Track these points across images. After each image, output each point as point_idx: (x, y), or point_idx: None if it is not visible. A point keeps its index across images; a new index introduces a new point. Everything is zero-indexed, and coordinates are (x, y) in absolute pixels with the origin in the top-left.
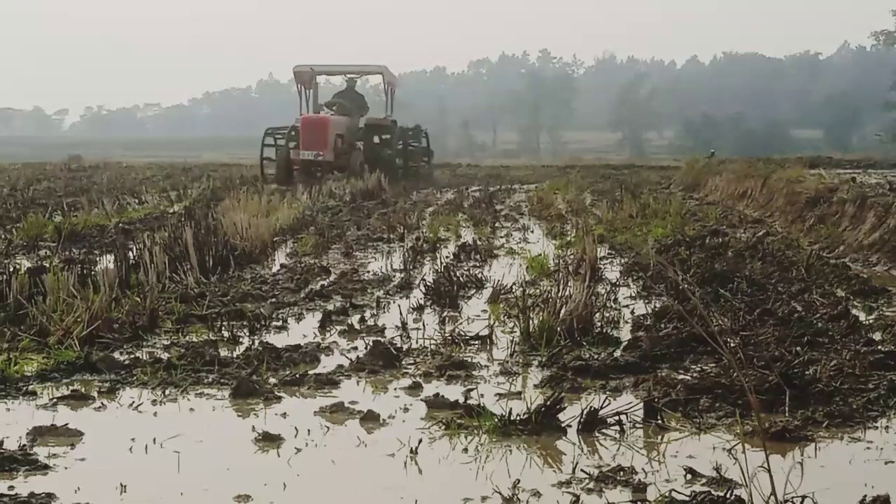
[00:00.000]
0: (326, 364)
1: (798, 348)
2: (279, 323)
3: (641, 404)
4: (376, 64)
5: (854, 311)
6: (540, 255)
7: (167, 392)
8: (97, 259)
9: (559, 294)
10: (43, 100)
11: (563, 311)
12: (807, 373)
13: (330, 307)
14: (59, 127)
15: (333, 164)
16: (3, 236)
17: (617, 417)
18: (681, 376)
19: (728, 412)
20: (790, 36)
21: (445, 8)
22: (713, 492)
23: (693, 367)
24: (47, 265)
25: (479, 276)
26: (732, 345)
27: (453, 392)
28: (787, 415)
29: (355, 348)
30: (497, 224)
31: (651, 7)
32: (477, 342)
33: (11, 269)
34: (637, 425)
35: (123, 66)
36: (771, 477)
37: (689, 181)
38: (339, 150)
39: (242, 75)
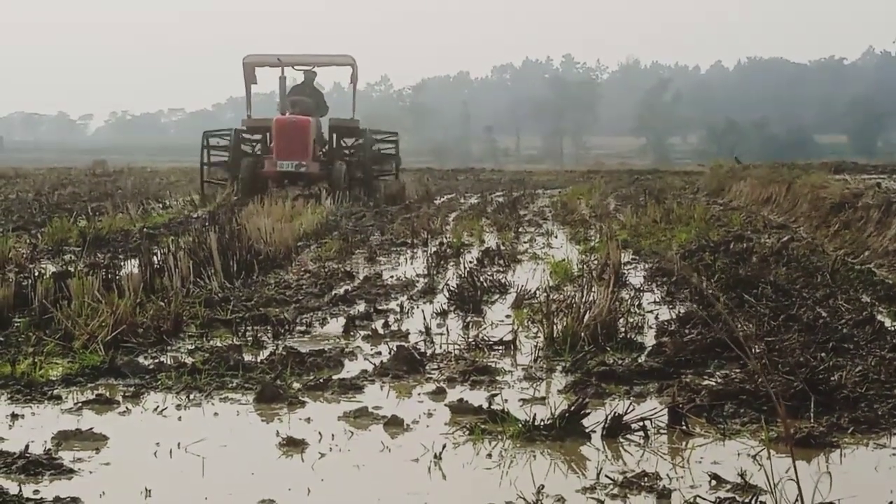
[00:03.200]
0: (350, 369)
1: (823, 354)
2: (303, 328)
3: (666, 410)
4: (345, 54)
5: (879, 317)
6: (563, 260)
7: (191, 396)
8: (122, 264)
9: (583, 299)
10: (68, 105)
11: (587, 317)
12: (832, 379)
13: (354, 312)
14: (83, 132)
15: (316, 175)
16: (28, 241)
17: (641, 423)
18: (705, 382)
19: (753, 418)
20: (815, 41)
21: (469, 13)
22: (738, 498)
23: (717, 372)
24: (72, 270)
25: (503, 281)
26: (757, 351)
27: (477, 397)
28: (812, 421)
29: (379, 353)
30: (521, 229)
31: (675, 12)
32: (501, 347)
33: (37, 274)
34: (661, 431)
35: (147, 71)
36: (798, 483)
37: (714, 186)
38: (319, 158)
39: (266, 80)
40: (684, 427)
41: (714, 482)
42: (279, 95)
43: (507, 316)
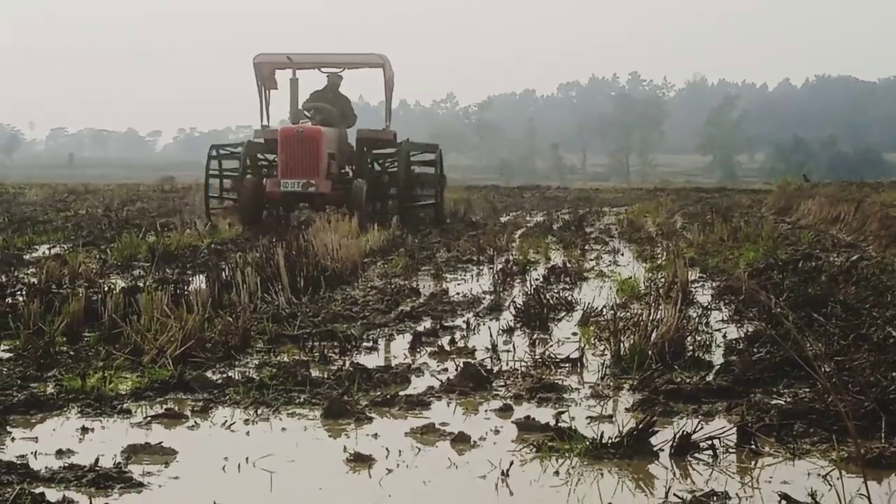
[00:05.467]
0: (417, 385)
1: (894, 374)
2: (370, 344)
3: (735, 429)
4: (375, 52)
5: None
6: (630, 277)
7: (259, 411)
8: (190, 279)
9: (650, 317)
10: (136, 122)
11: (654, 335)
12: None
13: (420, 328)
14: (152, 148)
15: (329, 197)
16: (98, 256)
17: (710, 442)
18: (774, 401)
19: (823, 437)
20: (884, 58)
21: (534, 31)
22: None
23: (786, 391)
24: (141, 285)
25: (569, 298)
26: (827, 370)
27: (544, 414)
28: (883, 441)
29: (445, 370)
30: (587, 246)
31: (743, 29)
32: (567, 365)
33: (106, 289)
34: (730, 450)
35: (215, 88)
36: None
37: (781, 204)
38: (336, 176)
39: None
40: (753, 446)
41: (784, 502)
42: (290, 101)
43: (574, 333)
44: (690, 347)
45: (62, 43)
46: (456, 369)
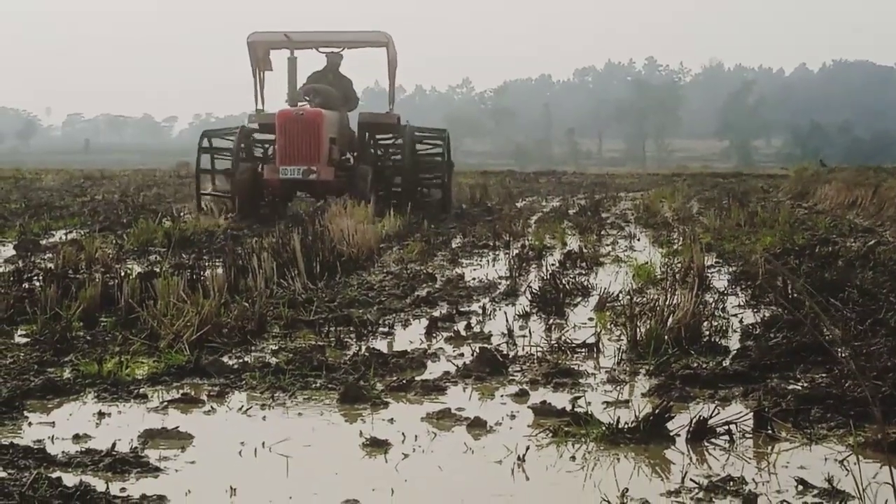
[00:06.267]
0: (433, 370)
1: None
2: (386, 329)
3: (751, 414)
4: (377, 30)
5: None
6: (646, 263)
7: (276, 396)
8: (206, 264)
9: (666, 302)
10: (153, 108)
11: (670, 320)
12: None
13: (436, 314)
14: (168, 134)
15: (331, 184)
16: (114, 241)
17: (726, 427)
18: (791, 386)
19: (840, 423)
20: None
21: (550, 16)
22: (825, 503)
23: (803, 376)
24: (158, 270)
25: (585, 283)
26: (844, 355)
27: (560, 399)
28: None
29: (461, 355)
30: (603, 232)
31: (759, 14)
32: (584, 350)
33: (123, 274)
34: (747, 435)
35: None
36: (895, 487)
37: (798, 190)
38: (338, 163)
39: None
40: (770, 431)
41: (801, 487)
42: (288, 82)
43: (590, 318)
44: (707, 332)
45: (79, 30)
46: (472, 354)
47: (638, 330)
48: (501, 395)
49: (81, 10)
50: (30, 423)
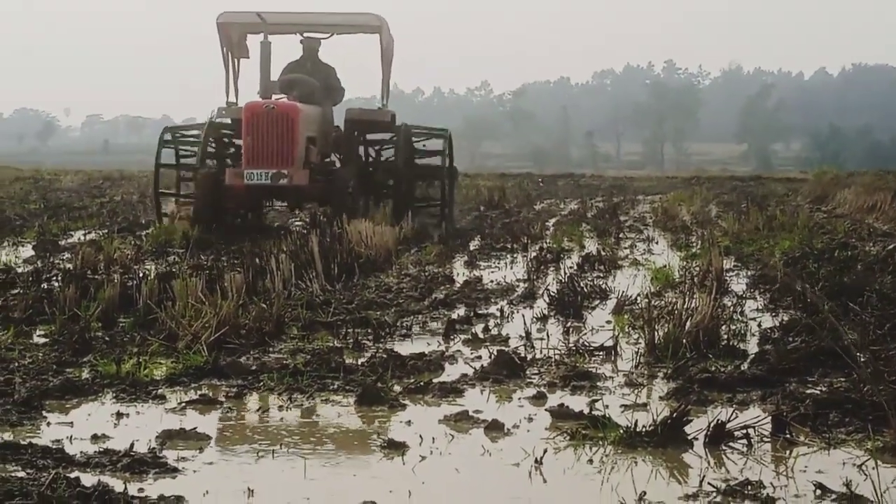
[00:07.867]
0: (450, 372)
1: None
2: (403, 331)
3: (769, 418)
4: (368, 12)
5: None
6: (665, 266)
7: (293, 398)
8: (224, 266)
9: (685, 306)
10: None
11: (688, 323)
12: None
13: (454, 316)
14: None
15: (306, 191)
16: (133, 242)
17: (744, 431)
18: (809, 390)
19: (858, 427)
20: None
21: (570, 18)
22: None
23: (821, 381)
24: (176, 271)
25: (603, 286)
26: (863, 359)
27: (578, 402)
28: None
29: (479, 357)
30: (621, 235)
31: (779, 18)
32: (601, 353)
33: (141, 275)
34: (765, 439)
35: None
36: None
37: (817, 193)
38: (316, 166)
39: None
40: (788, 435)
41: (819, 491)
42: (261, 70)
43: (608, 321)
44: (725, 336)
45: (99, 31)
46: (490, 357)
47: (656, 333)
48: (519, 398)
49: (101, 9)
50: (48, 424)
